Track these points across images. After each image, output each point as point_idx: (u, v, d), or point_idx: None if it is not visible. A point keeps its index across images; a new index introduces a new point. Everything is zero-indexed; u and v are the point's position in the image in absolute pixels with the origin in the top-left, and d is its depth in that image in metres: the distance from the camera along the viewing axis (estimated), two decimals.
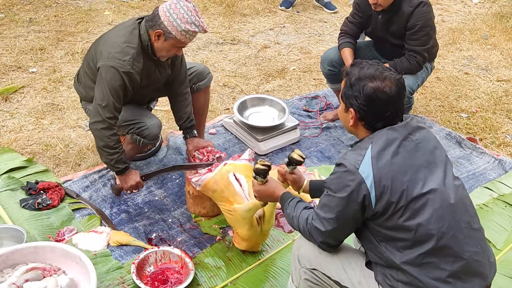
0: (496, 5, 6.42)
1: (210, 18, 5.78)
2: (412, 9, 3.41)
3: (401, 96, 2.01)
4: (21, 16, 5.49)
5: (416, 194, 1.92)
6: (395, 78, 2.00)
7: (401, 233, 1.94)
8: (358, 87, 1.99)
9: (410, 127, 2.02)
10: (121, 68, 2.77)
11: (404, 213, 1.92)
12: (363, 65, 2.04)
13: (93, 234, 2.93)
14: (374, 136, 2.00)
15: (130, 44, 2.81)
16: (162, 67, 3.02)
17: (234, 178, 2.77)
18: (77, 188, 3.28)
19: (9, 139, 3.72)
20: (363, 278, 2.08)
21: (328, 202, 2.01)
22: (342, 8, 6.19)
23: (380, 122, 2.01)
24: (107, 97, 2.79)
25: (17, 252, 2.53)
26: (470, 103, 4.45)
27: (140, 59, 2.84)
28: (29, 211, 3.04)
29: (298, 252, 2.20)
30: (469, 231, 1.99)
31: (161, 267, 2.76)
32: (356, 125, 2.06)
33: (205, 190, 2.83)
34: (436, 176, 1.98)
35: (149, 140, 3.07)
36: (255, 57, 5.05)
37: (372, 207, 1.93)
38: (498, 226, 3.14)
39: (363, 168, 1.92)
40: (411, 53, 3.49)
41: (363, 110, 2.00)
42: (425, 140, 2.03)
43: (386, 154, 1.94)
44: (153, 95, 3.28)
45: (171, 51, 2.85)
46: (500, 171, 3.63)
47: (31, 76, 4.47)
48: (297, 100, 4.32)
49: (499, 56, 5.23)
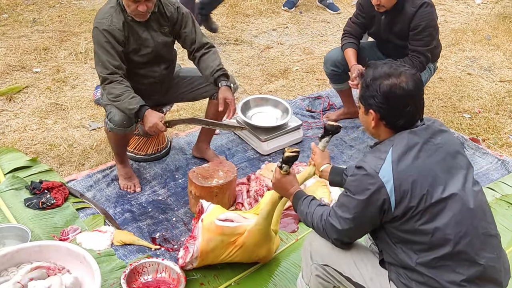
0: (499, 5, 6.42)
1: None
2: (415, 10, 3.41)
3: (419, 90, 2.01)
4: (24, 16, 5.51)
5: (436, 199, 1.91)
6: (410, 73, 2.00)
7: (418, 236, 1.94)
8: (375, 87, 1.99)
9: (432, 130, 2.02)
10: (100, 26, 2.93)
11: (422, 216, 1.91)
12: (377, 65, 2.04)
13: (97, 233, 2.94)
14: (394, 139, 1.99)
15: (110, 4, 2.98)
16: (153, 30, 3.06)
17: (222, 220, 2.63)
18: (81, 187, 3.29)
19: (13, 138, 3.73)
20: (375, 275, 2.09)
21: (347, 202, 2.01)
22: (345, 9, 6.19)
23: (401, 119, 1.99)
24: (98, 55, 2.97)
25: (21, 251, 2.54)
26: (473, 103, 4.45)
27: (121, 17, 2.95)
28: (33, 210, 3.05)
29: (311, 248, 2.20)
30: (486, 237, 1.98)
31: (158, 279, 2.70)
32: (377, 126, 2.05)
33: (206, 257, 2.64)
34: (456, 181, 1.96)
35: (114, 125, 3.00)
36: (258, 58, 5.06)
37: (391, 211, 1.93)
38: (501, 227, 3.13)
39: (384, 172, 1.92)
40: (414, 54, 3.50)
41: (383, 108, 1.99)
42: (447, 144, 2.02)
43: (407, 159, 1.93)
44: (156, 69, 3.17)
45: (131, 7, 2.90)
46: (503, 171, 3.63)
47: (35, 76, 4.49)
48: (300, 100, 4.32)
49: (502, 56, 5.23)
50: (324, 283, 2.20)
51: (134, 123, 3.06)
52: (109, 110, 3.05)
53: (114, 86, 2.94)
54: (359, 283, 2.11)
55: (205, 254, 2.63)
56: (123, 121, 2.99)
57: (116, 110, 2.99)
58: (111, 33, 2.92)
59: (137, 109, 2.91)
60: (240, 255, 2.68)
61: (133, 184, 3.29)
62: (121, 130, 3.03)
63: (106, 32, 2.92)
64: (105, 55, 2.93)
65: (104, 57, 2.93)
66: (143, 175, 3.45)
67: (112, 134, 3.09)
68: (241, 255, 2.67)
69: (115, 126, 3.01)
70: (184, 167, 3.53)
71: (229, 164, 3.18)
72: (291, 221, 3.10)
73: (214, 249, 2.63)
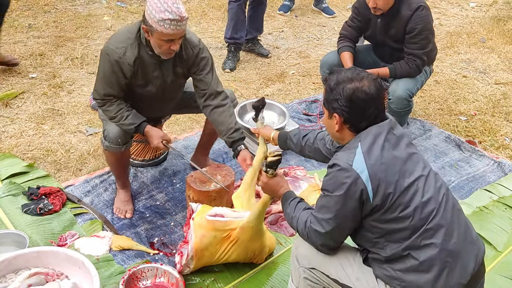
0: (493, 8, 6.46)
1: (209, 23, 5.80)
2: (411, 13, 3.43)
3: (380, 95, 2.09)
4: (20, 22, 5.50)
5: (408, 183, 2.00)
6: (372, 78, 2.08)
7: (399, 223, 1.99)
8: (338, 90, 2.06)
9: (392, 122, 2.11)
10: (112, 55, 2.81)
11: (400, 203, 1.98)
12: (340, 71, 2.13)
13: (95, 238, 2.94)
14: (360, 135, 2.06)
15: (129, 34, 2.84)
16: (166, 69, 2.94)
17: (212, 216, 2.64)
18: (78, 193, 3.28)
19: (10, 144, 3.72)
20: (361, 274, 2.12)
21: (326, 203, 2.05)
22: (340, 12, 6.22)
23: (363, 122, 2.07)
24: (99, 78, 2.90)
25: (19, 257, 2.52)
26: (469, 106, 4.47)
27: (135, 52, 2.82)
28: (31, 216, 3.04)
29: (297, 252, 2.24)
30: (454, 210, 2.07)
31: (157, 284, 2.69)
32: (341, 129, 2.12)
33: (202, 256, 2.64)
34: (418, 165, 2.06)
35: (109, 142, 2.97)
36: (254, 61, 5.07)
37: (370, 201, 1.98)
38: (498, 228, 3.15)
39: (357, 164, 1.98)
40: (411, 57, 3.51)
41: (346, 111, 2.06)
42: (403, 134, 2.12)
43: (376, 148, 2.01)
44: (159, 104, 3.13)
45: (163, 46, 2.75)
46: (499, 173, 3.65)
47: (31, 82, 4.48)
48: (296, 104, 4.33)
49: (496, 59, 5.26)
50: (313, 285, 2.23)
51: (129, 140, 3.03)
52: (104, 127, 3.02)
53: (107, 108, 2.91)
54: (346, 284, 2.14)
55: (200, 252, 2.63)
56: (118, 138, 2.94)
57: (110, 127, 2.96)
58: (120, 66, 2.81)
59: (135, 128, 2.91)
60: (235, 252, 2.68)
61: (126, 210, 3.20)
62: (117, 148, 2.97)
63: (115, 62, 2.81)
64: (105, 83, 2.87)
65: (104, 83, 2.88)
66: (140, 180, 3.45)
67: (109, 153, 3.03)
68: (236, 251, 2.68)
69: (110, 143, 2.96)
70: (182, 171, 3.53)
71: (227, 168, 3.18)
72: None
73: (209, 246, 2.63)
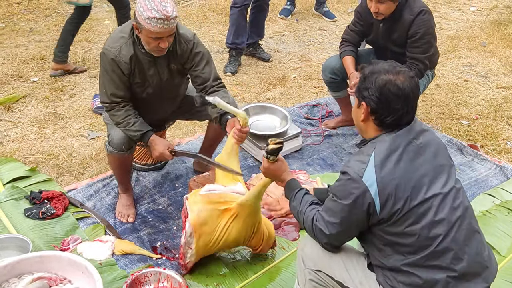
0: (493, 12, 6.47)
1: (210, 27, 5.81)
2: (413, 17, 3.43)
3: (414, 92, 2.03)
4: (21, 25, 5.51)
5: (419, 200, 1.95)
6: (408, 74, 2.03)
7: (404, 238, 1.97)
8: (371, 79, 2.03)
9: (414, 132, 2.05)
10: (108, 54, 2.84)
11: (407, 219, 1.95)
12: (378, 62, 2.09)
13: (97, 243, 2.93)
14: (377, 142, 2.02)
15: (122, 34, 2.87)
16: (160, 67, 2.94)
17: (208, 189, 2.65)
18: (81, 197, 3.28)
19: (12, 148, 3.72)
20: (364, 279, 2.12)
21: (333, 207, 2.05)
22: (341, 16, 6.22)
23: (390, 117, 2.01)
24: (102, 81, 2.90)
25: (22, 262, 2.52)
26: (470, 110, 4.47)
27: (131, 49, 2.84)
28: (33, 220, 3.04)
29: (302, 253, 2.25)
30: (469, 232, 2.02)
31: None
32: (366, 120, 2.07)
33: (202, 232, 2.62)
34: (439, 180, 2.01)
35: (113, 148, 2.97)
36: (255, 65, 5.07)
37: (377, 215, 1.96)
38: (501, 233, 3.15)
39: (367, 176, 1.95)
40: (413, 61, 3.51)
41: (374, 102, 2.01)
42: (429, 143, 2.06)
43: (389, 162, 1.96)
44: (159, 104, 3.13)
45: (151, 44, 2.76)
46: (502, 177, 3.64)
47: (32, 86, 4.48)
48: (298, 108, 4.33)
49: (497, 63, 5.27)
50: (318, 287, 2.23)
51: (133, 145, 3.03)
52: (109, 132, 3.02)
53: (114, 113, 2.90)
54: (350, 287, 2.14)
55: (200, 228, 2.60)
56: (122, 144, 2.95)
57: (115, 132, 2.96)
58: (117, 64, 2.83)
59: (140, 136, 2.90)
60: (235, 228, 2.64)
61: (128, 215, 3.19)
62: (120, 154, 2.98)
63: (112, 61, 2.83)
64: (109, 84, 2.87)
65: (108, 85, 2.87)
66: (142, 184, 3.44)
67: (113, 158, 3.04)
68: (236, 227, 2.64)
69: (114, 149, 2.97)
70: (184, 175, 3.53)
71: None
72: (292, 229, 3.10)
73: (207, 220, 2.61)
